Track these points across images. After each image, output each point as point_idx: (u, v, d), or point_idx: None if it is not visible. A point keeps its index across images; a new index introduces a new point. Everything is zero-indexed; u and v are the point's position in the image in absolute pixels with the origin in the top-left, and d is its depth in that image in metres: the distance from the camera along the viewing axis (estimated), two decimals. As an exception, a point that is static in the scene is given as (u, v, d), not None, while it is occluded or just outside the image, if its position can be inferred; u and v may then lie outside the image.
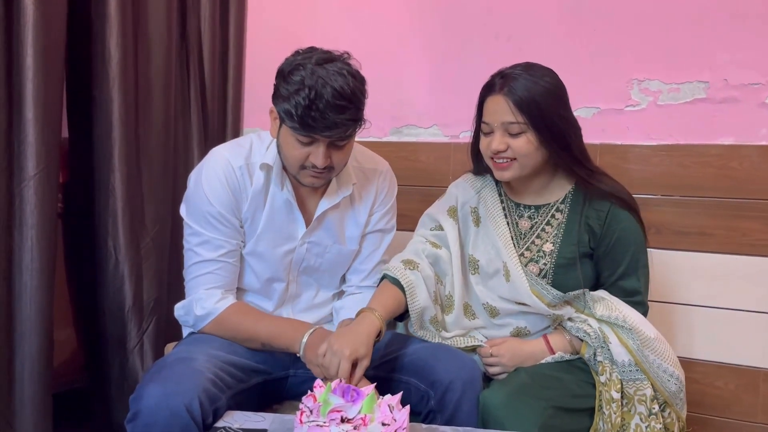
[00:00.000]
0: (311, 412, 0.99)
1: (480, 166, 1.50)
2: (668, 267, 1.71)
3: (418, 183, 1.97)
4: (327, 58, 1.26)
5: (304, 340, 1.31)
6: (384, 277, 1.42)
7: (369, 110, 2.03)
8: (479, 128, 1.43)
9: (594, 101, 1.80)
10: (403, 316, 1.44)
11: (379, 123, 2.05)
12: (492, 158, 1.39)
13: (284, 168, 1.37)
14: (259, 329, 1.36)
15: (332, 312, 1.53)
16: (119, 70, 1.67)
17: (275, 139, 1.35)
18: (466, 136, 1.96)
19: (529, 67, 1.37)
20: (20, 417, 1.48)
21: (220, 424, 1.13)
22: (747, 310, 1.65)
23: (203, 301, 1.36)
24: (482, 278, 1.46)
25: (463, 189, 1.52)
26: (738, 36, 1.65)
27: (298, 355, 1.32)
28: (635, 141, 1.75)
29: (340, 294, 1.55)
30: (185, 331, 1.46)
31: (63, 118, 1.59)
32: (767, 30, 1.63)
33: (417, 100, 2.01)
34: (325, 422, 0.97)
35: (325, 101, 1.20)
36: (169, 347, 1.52)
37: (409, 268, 1.40)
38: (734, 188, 1.65)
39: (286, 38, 2.17)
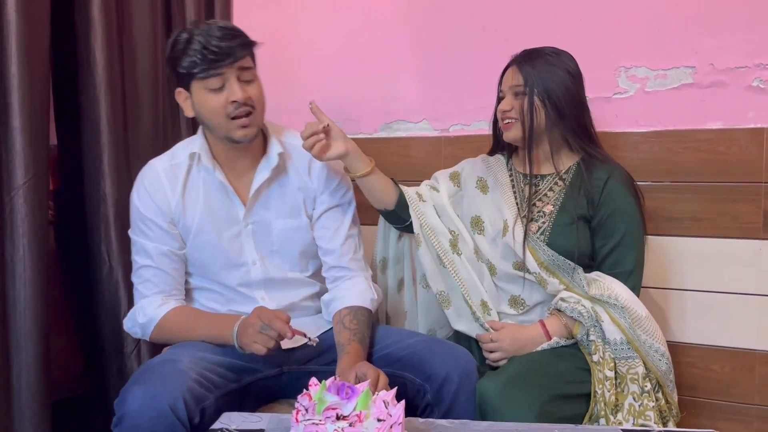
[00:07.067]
0: (307, 410, 1.00)
1: (497, 144, 1.63)
2: (661, 253, 1.71)
3: (409, 178, 1.96)
4: (199, 20, 1.37)
5: (235, 329, 1.33)
6: None
7: (358, 106, 2.05)
8: (498, 102, 1.54)
9: (582, 90, 1.80)
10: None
11: (369, 119, 2.05)
12: (502, 119, 1.51)
13: (214, 156, 1.42)
14: (197, 330, 1.39)
15: (311, 295, 1.52)
16: (105, 74, 1.67)
17: (198, 118, 1.40)
18: (457, 130, 1.98)
19: (544, 47, 1.50)
20: (19, 426, 1.48)
21: (216, 425, 1.14)
22: (741, 293, 1.66)
23: (144, 308, 1.42)
24: (487, 239, 1.56)
25: (475, 163, 1.66)
26: (723, 20, 1.65)
27: (234, 345, 1.34)
28: (624, 128, 1.75)
29: (314, 276, 1.53)
30: None
31: (51, 125, 1.59)
32: (752, 13, 1.63)
33: (406, 95, 2.01)
34: (320, 420, 0.98)
35: (216, 37, 1.31)
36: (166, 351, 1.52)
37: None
38: (724, 172, 1.66)
39: (272, 38, 2.15)
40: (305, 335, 1.28)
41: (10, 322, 1.48)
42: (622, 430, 1.23)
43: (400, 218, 1.59)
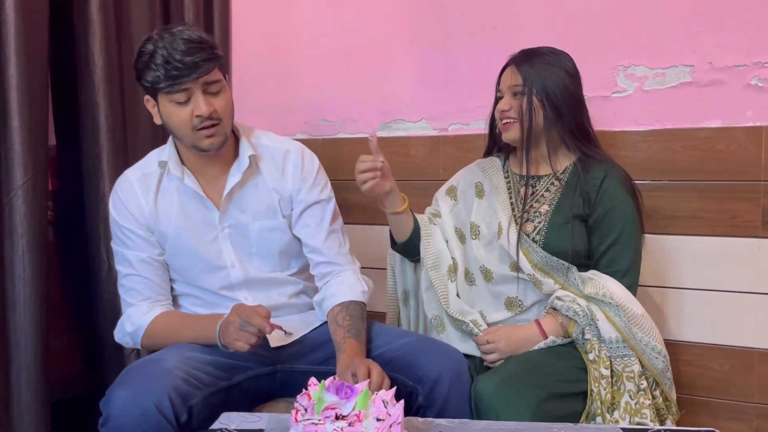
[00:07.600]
0: (306, 410, 1.00)
1: (492, 144, 1.64)
2: (660, 251, 1.71)
3: (409, 177, 1.97)
4: (168, 26, 1.35)
5: (218, 329, 1.33)
6: None
7: (357, 106, 2.06)
8: (496, 102, 1.54)
9: (580, 89, 1.80)
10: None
11: (368, 119, 2.05)
12: (501, 119, 1.51)
13: (182, 161, 1.43)
14: (184, 333, 1.39)
15: (296, 293, 1.52)
16: (104, 75, 1.67)
17: (165, 127, 1.40)
18: (455, 129, 1.98)
19: (542, 47, 1.50)
20: (18, 426, 1.49)
21: (216, 425, 1.14)
22: (739, 291, 1.66)
23: (131, 317, 1.43)
24: (482, 243, 1.55)
25: (470, 171, 1.66)
26: (721, 18, 1.65)
27: (219, 345, 1.34)
28: (623, 127, 1.75)
29: (299, 274, 1.53)
30: None
31: (50, 125, 1.59)
32: (750, 11, 1.63)
33: (405, 95, 2.01)
34: (320, 420, 0.98)
35: (180, 51, 1.29)
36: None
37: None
38: (722, 171, 1.66)
39: (271, 39, 2.17)
40: (281, 328, 1.30)
41: (9, 322, 1.48)
42: (621, 428, 1.22)
43: (415, 247, 1.59)
